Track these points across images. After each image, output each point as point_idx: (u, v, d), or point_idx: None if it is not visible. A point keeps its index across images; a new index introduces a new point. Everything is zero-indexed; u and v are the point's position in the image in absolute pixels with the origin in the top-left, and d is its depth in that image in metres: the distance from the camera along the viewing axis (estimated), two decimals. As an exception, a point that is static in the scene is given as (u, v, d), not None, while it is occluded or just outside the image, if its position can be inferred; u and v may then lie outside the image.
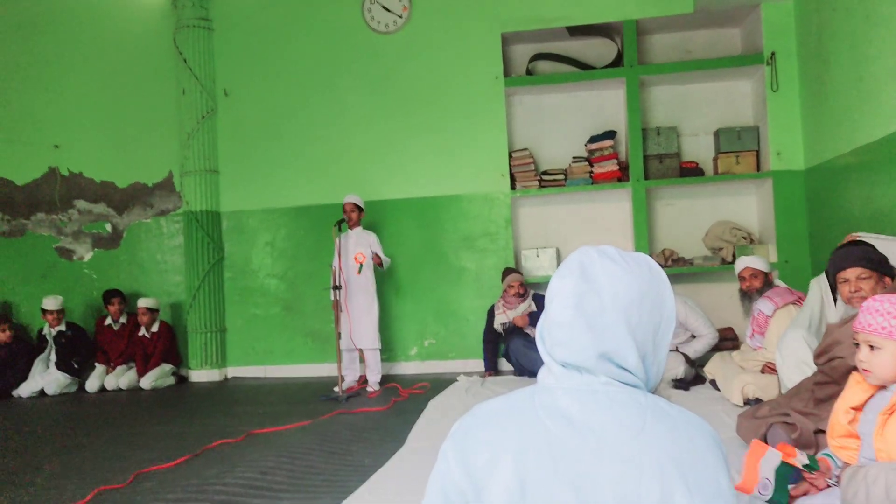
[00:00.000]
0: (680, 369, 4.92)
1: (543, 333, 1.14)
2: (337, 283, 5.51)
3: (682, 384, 4.89)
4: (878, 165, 4.54)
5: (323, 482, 3.26)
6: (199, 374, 6.72)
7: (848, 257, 3.09)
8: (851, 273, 3.05)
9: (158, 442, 4.23)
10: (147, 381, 6.37)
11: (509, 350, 5.84)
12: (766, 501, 1.92)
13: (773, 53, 5.99)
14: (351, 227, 5.75)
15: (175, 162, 6.98)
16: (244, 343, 6.87)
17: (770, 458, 1.94)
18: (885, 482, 1.75)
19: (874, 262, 3.05)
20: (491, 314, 6.03)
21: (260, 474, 3.36)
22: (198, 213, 6.76)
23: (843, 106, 5.04)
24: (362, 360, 5.81)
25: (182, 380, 6.76)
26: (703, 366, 5.03)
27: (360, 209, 5.78)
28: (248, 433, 4.28)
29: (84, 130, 7.17)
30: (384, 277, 6.38)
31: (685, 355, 5.02)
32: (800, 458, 1.95)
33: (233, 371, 6.88)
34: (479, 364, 6.24)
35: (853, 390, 2.09)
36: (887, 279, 3.03)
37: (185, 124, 6.80)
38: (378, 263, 5.70)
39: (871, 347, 1.95)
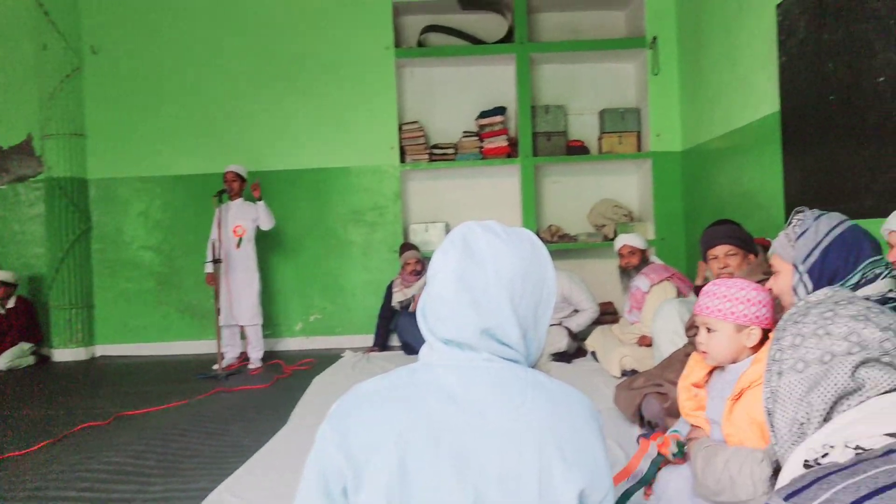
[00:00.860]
0: (563, 342, 5.06)
1: (426, 310, 1.12)
2: (216, 257, 5.25)
3: (564, 357, 5.04)
4: (747, 149, 4.82)
5: (198, 464, 3.11)
6: (63, 354, 6.24)
7: (716, 235, 3.27)
8: (720, 250, 3.23)
9: (15, 427, 3.90)
10: (3, 362, 5.88)
11: (398, 328, 5.81)
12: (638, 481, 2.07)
13: (654, 38, 6.21)
14: (232, 198, 5.49)
15: (35, 124, 6.37)
16: (114, 319, 6.44)
17: (652, 453, 2.14)
18: (749, 473, 1.75)
19: (740, 239, 3.24)
20: (389, 291, 5.97)
21: (129, 458, 3.17)
22: (61, 180, 6.23)
23: (718, 90, 5.31)
24: (244, 336, 5.59)
25: (43, 359, 6.27)
26: (585, 339, 5.20)
27: (242, 179, 5.51)
28: (117, 415, 4.02)
29: (-75, 84, 6.41)
30: (268, 251, 6.15)
31: (568, 329, 5.17)
32: (671, 448, 2.06)
33: (102, 349, 6.45)
34: (366, 339, 6.16)
35: (692, 369, 2.15)
36: (752, 256, 3.23)
37: (46, 83, 6.23)
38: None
39: (709, 330, 1.98)
